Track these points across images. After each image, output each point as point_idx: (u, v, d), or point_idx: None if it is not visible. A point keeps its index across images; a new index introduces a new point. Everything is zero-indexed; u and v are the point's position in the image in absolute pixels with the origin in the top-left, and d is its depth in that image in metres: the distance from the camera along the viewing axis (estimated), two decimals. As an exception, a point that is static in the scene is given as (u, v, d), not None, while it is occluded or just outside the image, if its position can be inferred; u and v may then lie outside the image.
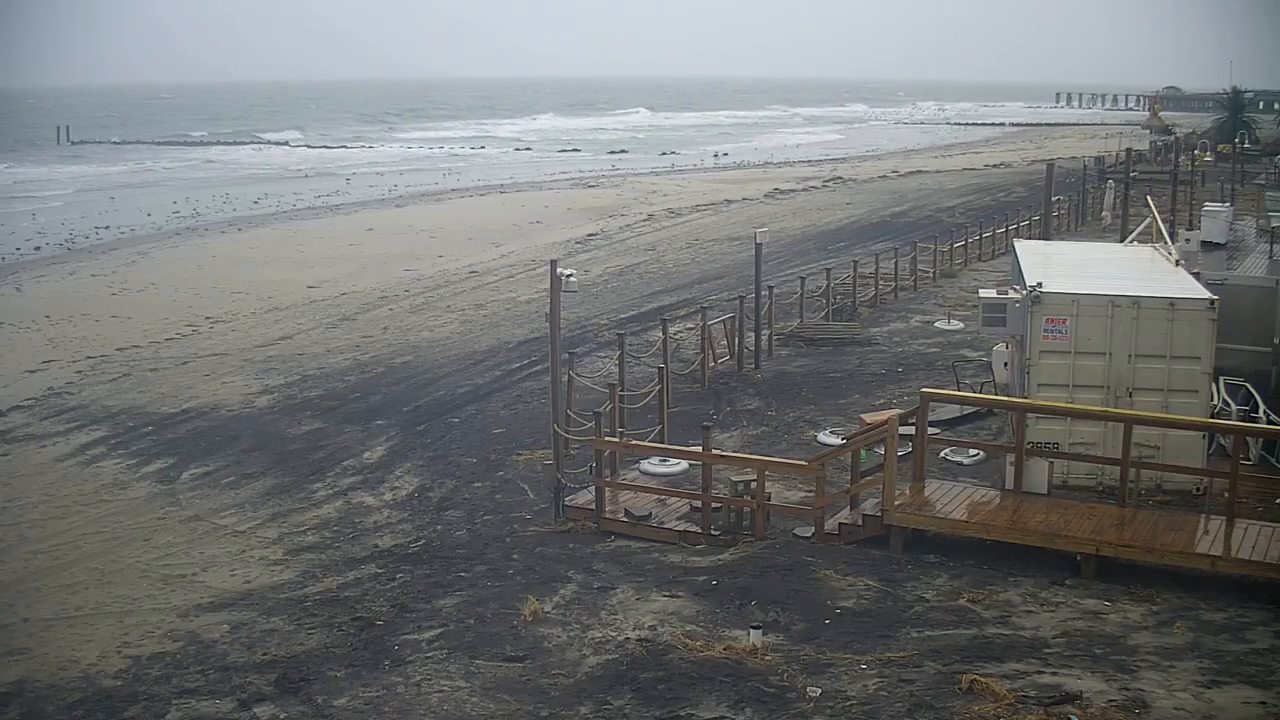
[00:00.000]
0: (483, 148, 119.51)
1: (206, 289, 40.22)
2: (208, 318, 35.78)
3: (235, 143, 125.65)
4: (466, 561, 17.20)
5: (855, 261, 36.12)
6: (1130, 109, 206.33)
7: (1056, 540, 15.92)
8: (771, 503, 17.81)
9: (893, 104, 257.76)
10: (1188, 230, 41.24)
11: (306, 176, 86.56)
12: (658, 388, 22.60)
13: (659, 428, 21.95)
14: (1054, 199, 39.52)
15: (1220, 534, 15.95)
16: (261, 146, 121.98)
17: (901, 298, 36.81)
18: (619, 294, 38.55)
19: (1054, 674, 12.71)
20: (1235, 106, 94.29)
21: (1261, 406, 20.27)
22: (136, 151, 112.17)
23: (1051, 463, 17.78)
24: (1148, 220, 26.79)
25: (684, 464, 20.12)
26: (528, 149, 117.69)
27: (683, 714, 12.18)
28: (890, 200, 64.40)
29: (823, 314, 33.56)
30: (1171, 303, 18.57)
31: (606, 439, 18.94)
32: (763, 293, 28.74)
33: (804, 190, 71.70)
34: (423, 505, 20.42)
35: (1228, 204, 47.17)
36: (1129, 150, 49.69)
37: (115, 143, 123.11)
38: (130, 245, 51.47)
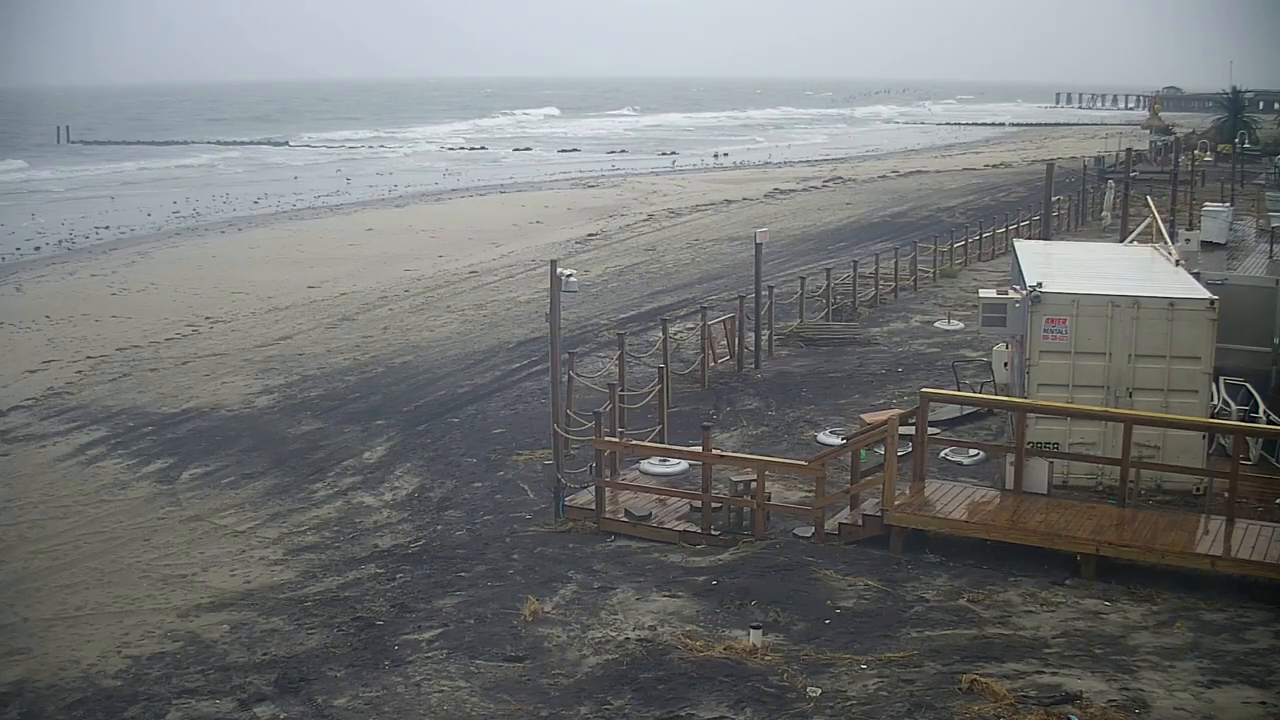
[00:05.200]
0: (484, 148, 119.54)
1: (206, 289, 40.22)
2: (208, 318, 35.78)
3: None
4: (466, 561, 17.20)
5: (855, 261, 36.11)
6: (1130, 109, 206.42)
7: (1056, 540, 15.92)
8: (771, 503, 17.80)
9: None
10: (1188, 230, 41.25)
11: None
12: (658, 388, 22.60)
13: (659, 428, 21.95)
14: (1054, 199, 39.53)
15: (1220, 534, 15.95)
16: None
17: (901, 298, 36.81)
18: (619, 294, 38.55)
19: (1054, 674, 12.71)
20: (1235, 106, 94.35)
21: (1261, 406, 20.27)
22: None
23: (1051, 463, 17.78)
24: (1148, 220, 26.79)
25: (684, 464, 20.12)
26: (528, 149, 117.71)
27: (683, 714, 12.18)
28: (890, 200, 64.41)
29: (823, 314, 33.55)
30: (1171, 303, 18.57)
31: (606, 439, 18.93)
32: (763, 293, 28.73)
33: (804, 190, 71.71)
34: (423, 505, 20.43)
35: (1228, 204, 47.18)
36: (1129, 150, 49.68)
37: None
38: (130, 245, 51.48)
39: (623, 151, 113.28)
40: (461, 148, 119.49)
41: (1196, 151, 70.29)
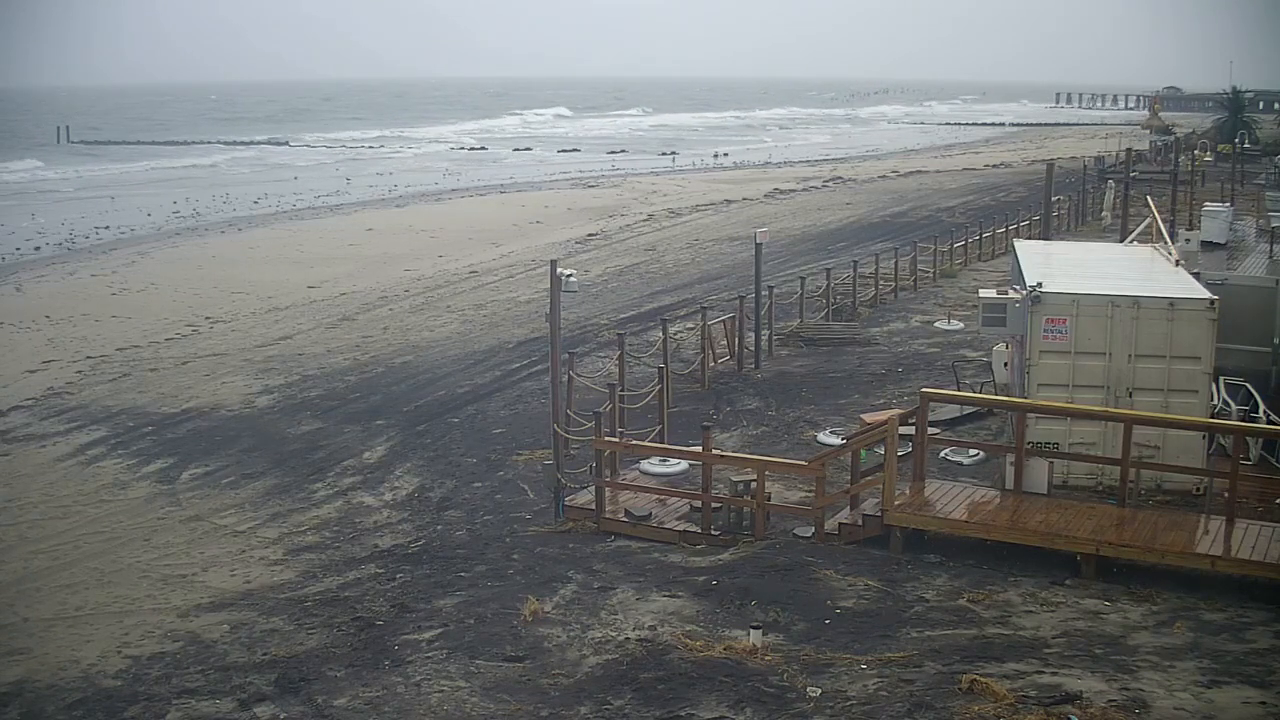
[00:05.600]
0: (484, 148, 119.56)
1: (206, 289, 40.23)
2: (208, 318, 35.78)
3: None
4: (466, 561, 17.20)
5: (855, 261, 36.11)
6: (1130, 109, 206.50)
7: (1056, 540, 15.93)
8: (771, 503, 17.80)
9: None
10: (1188, 230, 41.25)
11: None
12: (658, 388, 22.60)
13: (659, 428, 21.94)
14: (1054, 199, 39.53)
15: (1220, 534, 15.95)
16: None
17: (901, 298, 36.81)
18: (619, 294, 38.55)
19: (1054, 674, 12.71)
20: (1235, 106, 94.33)
21: (1261, 406, 20.27)
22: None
23: (1051, 463, 17.78)
24: (1148, 220, 26.79)
25: (684, 464, 20.12)
26: (528, 149, 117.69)
27: (683, 714, 12.18)
28: (890, 200, 64.41)
29: (823, 314, 33.54)
30: (1171, 303, 18.58)
31: (606, 439, 18.93)
32: (763, 293, 28.73)
33: (804, 190, 71.71)
34: (423, 505, 20.42)
35: (1228, 204, 47.18)
36: (1129, 150, 49.68)
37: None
38: (130, 245, 51.48)
39: (623, 151, 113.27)
40: (471, 148, 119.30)
41: (1196, 151, 70.30)
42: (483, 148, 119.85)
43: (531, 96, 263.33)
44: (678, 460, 20.15)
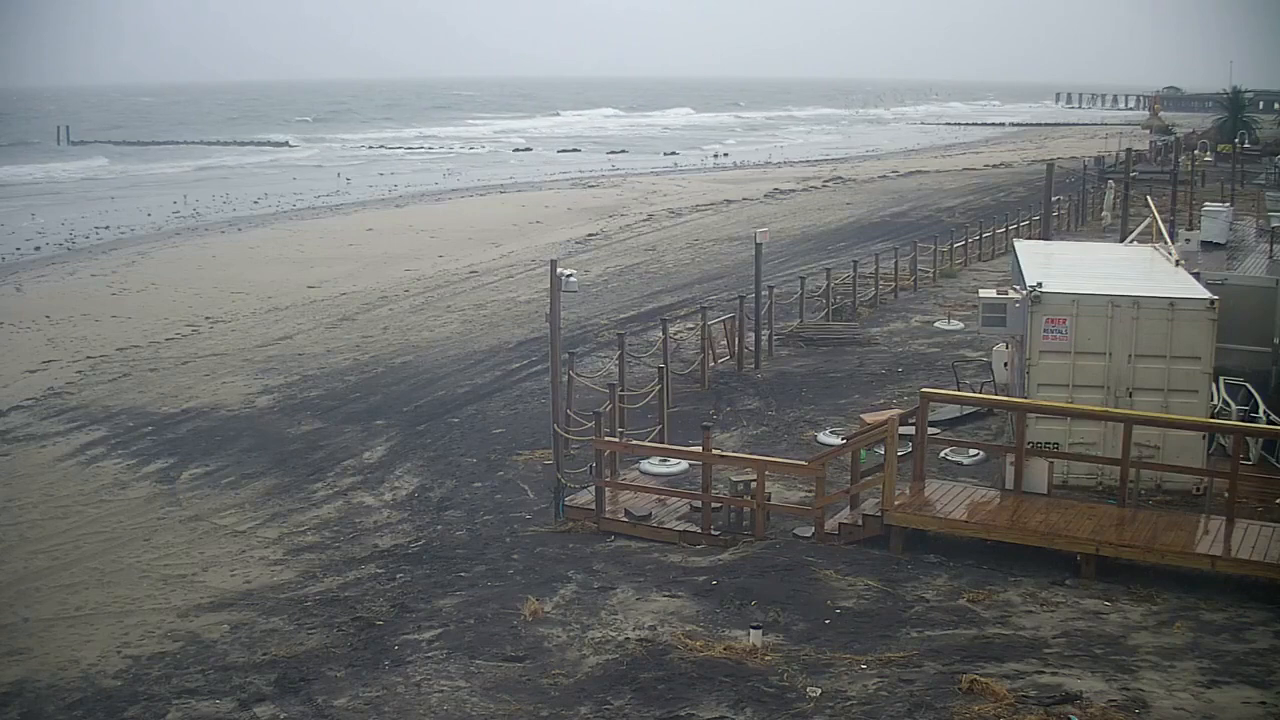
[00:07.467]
0: (484, 148, 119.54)
1: (206, 289, 40.22)
2: (208, 318, 35.78)
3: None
4: (466, 561, 17.21)
5: (855, 261, 36.10)
6: (1130, 109, 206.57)
7: (1056, 540, 15.93)
8: (771, 503, 17.80)
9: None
10: (1188, 230, 41.27)
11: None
12: (658, 388, 22.59)
13: (659, 428, 21.95)
14: (1054, 199, 39.54)
15: (1220, 534, 15.95)
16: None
17: (901, 298, 36.81)
18: (619, 294, 38.55)
19: (1054, 674, 12.72)
20: (1235, 106, 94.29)
21: (1261, 406, 20.27)
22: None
23: (1051, 463, 17.78)
24: (1148, 220, 26.80)
25: (684, 464, 20.12)
26: (527, 149, 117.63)
27: (683, 714, 12.19)
28: (890, 200, 64.40)
29: (823, 314, 33.55)
30: (1171, 303, 18.58)
31: (606, 439, 18.93)
32: (763, 293, 28.74)
33: (804, 190, 71.70)
34: (423, 505, 20.43)
35: (1228, 204, 47.18)
36: (1129, 150, 49.71)
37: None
38: (130, 245, 51.47)
39: (623, 151, 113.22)
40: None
41: (1196, 151, 70.35)
42: (481, 148, 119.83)
43: (561, 97, 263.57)
44: (678, 460, 20.15)
